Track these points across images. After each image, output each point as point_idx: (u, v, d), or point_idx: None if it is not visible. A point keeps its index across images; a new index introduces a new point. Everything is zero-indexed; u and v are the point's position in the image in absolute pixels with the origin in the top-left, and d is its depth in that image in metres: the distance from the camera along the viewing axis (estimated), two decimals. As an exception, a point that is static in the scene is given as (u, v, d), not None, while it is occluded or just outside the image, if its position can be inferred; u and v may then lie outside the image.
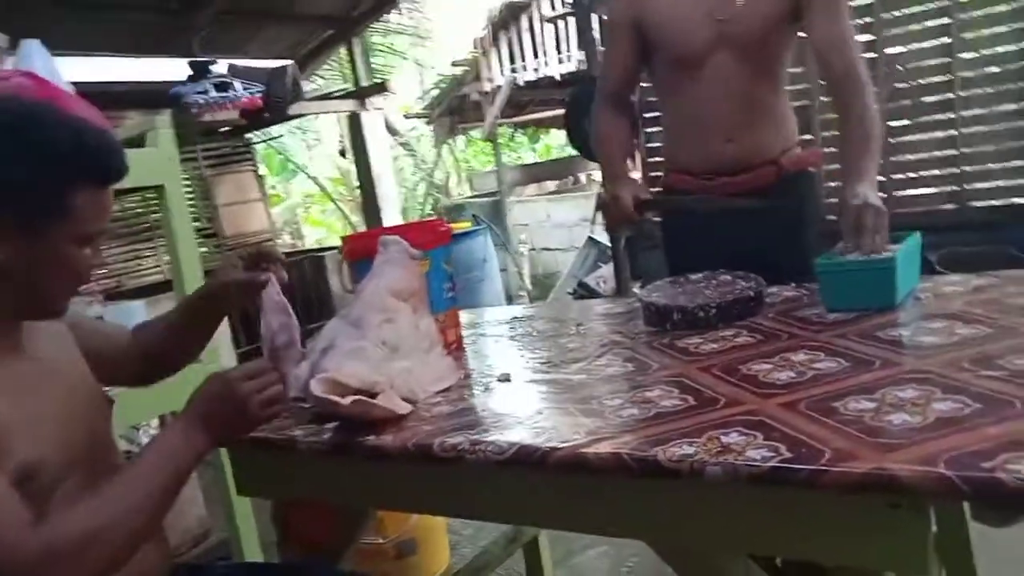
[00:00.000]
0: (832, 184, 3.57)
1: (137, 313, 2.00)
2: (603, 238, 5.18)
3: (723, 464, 0.83)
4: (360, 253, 1.46)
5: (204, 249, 5.09)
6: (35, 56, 1.90)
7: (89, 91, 1.87)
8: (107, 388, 1.17)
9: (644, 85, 3.61)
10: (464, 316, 1.73)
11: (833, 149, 3.74)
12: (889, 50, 3.63)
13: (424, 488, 1.12)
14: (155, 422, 2.59)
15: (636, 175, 5.86)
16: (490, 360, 1.47)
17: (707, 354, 1.22)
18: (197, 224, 5.13)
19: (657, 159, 4.23)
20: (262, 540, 1.98)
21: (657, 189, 1.98)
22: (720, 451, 0.85)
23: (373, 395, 1.07)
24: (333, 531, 1.30)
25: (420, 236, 1.44)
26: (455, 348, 1.52)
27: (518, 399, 1.19)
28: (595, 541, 2.40)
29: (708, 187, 1.79)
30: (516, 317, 1.81)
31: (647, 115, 4.25)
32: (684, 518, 0.92)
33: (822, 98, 3.74)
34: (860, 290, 1.31)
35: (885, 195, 3.22)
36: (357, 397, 1.04)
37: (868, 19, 3.64)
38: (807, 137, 3.73)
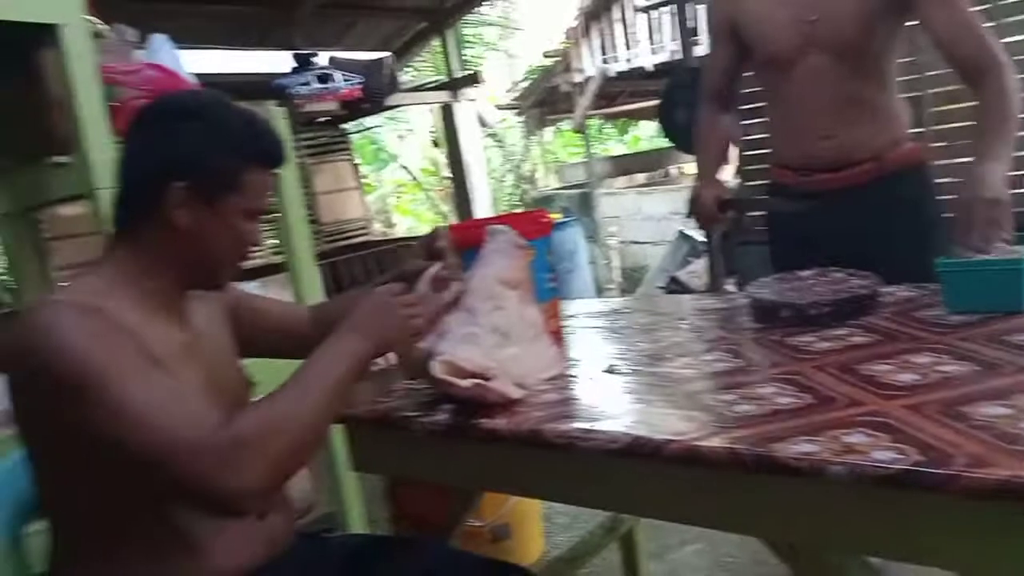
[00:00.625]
0: (942, 180, 3.41)
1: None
2: (696, 232, 5.10)
3: (847, 464, 0.81)
4: (466, 242, 1.49)
5: (303, 235, 5.27)
6: (162, 50, 2.01)
7: (203, 81, 1.98)
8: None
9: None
10: (559, 307, 1.74)
11: (943, 143, 3.58)
12: (1008, 39, 3.43)
13: (534, 473, 1.14)
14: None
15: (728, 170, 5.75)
16: (592, 351, 1.48)
17: (821, 353, 1.19)
18: (298, 211, 5.32)
19: (752, 152, 4.15)
20: (366, 515, 2.05)
21: (765, 182, 1.97)
22: (844, 451, 0.83)
23: (486, 379, 1.10)
24: (443, 509, 1.34)
25: (524, 226, 1.45)
26: (556, 338, 1.54)
27: (625, 390, 1.20)
28: (691, 537, 2.38)
29: (806, 183, 1.76)
30: (615, 310, 1.82)
31: (742, 107, 4.16)
32: (800, 516, 0.91)
33: (931, 90, 3.58)
34: (985, 291, 1.25)
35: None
36: (475, 380, 1.08)
37: (986, 5, 3.45)
38: (918, 130, 3.58)
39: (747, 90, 2.01)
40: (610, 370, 1.29)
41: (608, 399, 1.16)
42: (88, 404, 0.90)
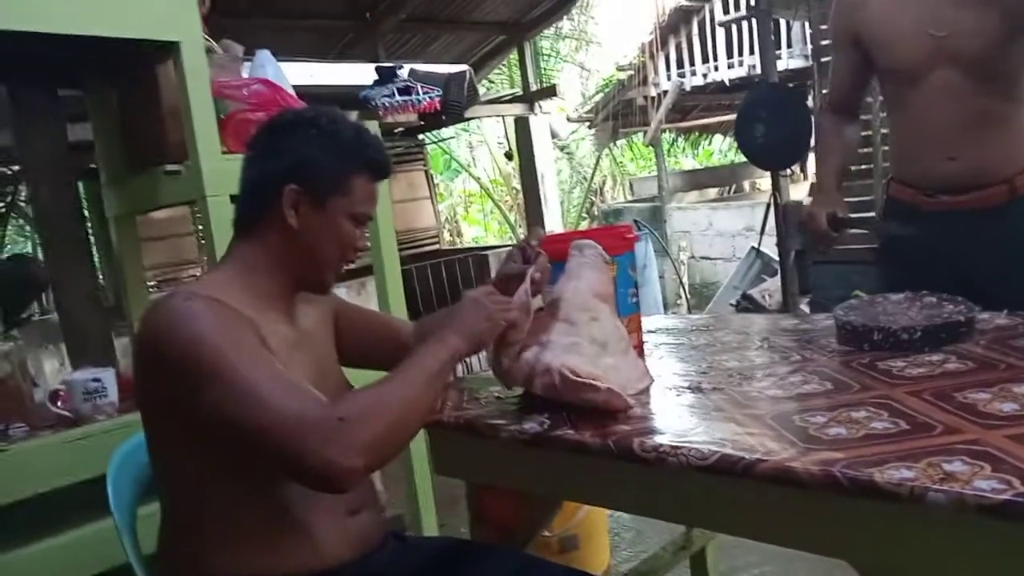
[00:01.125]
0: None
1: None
2: (769, 249, 5.01)
3: (947, 492, 0.81)
4: (552, 255, 1.52)
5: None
6: (267, 64, 2.12)
7: (298, 93, 2.08)
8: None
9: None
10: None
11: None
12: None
13: (618, 485, 1.15)
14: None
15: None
16: (674, 367, 1.49)
17: (914, 378, 1.18)
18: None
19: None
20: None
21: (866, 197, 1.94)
22: (943, 478, 0.83)
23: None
24: (524, 517, 1.37)
25: (609, 241, 1.48)
26: (639, 353, 1.55)
27: (711, 407, 1.20)
28: (762, 559, 2.36)
29: (928, 203, 1.70)
30: (694, 327, 1.82)
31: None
32: (894, 542, 0.91)
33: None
34: (1090, 322, 1.21)
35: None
36: (609, 385, 1.11)
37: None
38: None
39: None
40: (695, 387, 1.30)
41: (694, 415, 1.17)
42: (208, 384, 0.97)
